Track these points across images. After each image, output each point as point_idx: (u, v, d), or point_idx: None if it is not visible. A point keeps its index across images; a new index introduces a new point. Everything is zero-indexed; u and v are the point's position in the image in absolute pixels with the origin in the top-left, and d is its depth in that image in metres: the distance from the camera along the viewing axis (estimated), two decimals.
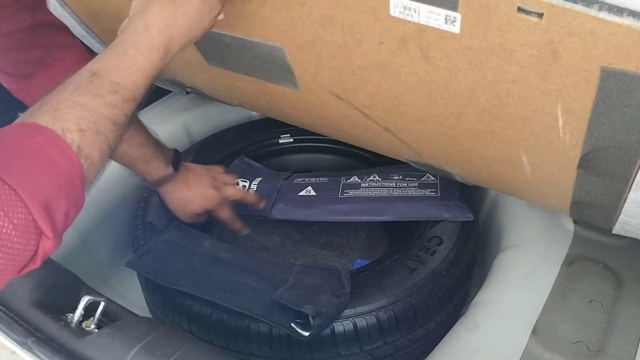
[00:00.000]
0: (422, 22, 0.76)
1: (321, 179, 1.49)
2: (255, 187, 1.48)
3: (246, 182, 1.50)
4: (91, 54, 1.15)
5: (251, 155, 1.61)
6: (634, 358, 1.11)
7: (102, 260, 1.54)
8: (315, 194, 1.44)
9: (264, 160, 1.62)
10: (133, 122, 1.12)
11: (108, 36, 1.17)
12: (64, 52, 1.08)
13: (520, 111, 0.81)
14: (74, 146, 0.65)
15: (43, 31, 0.86)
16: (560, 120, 0.79)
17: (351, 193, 1.40)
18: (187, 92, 1.60)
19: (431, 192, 1.37)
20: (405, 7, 0.75)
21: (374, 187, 1.41)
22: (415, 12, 0.75)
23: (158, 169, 1.22)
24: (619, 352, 1.12)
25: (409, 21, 0.77)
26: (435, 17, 0.74)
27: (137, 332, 0.88)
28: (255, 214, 1.42)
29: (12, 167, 0.59)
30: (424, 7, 0.74)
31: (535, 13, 0.68)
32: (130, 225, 1.42)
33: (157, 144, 1.22)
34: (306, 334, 1.05)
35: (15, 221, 0.57)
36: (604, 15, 0.64)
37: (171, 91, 1.73)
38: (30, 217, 0.59)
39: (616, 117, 0.73)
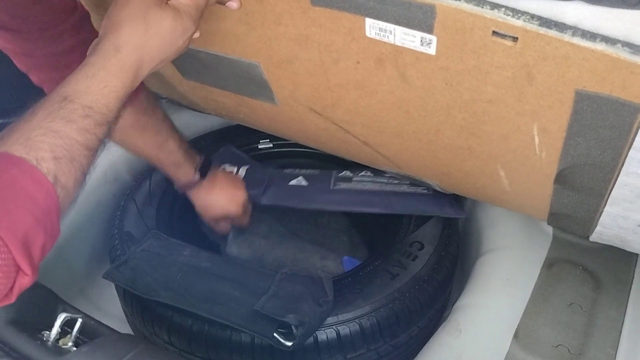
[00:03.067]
0: (397, 44, 0.75)
1: (312, 171, 1.45)
2: (244, 173, 1.44)
3: (234, 168, 1.46)
4: None
5: None
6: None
7: (79, 271, 1.51)
8: (306, 184, 1.40)
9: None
10: (167, 128, 1.17)
11: None
12: None
13: (497, 129, 0.81)
14: (49, 176, 0.63)
15: (84, 50, 0.86)
16: (537, 139, 0.79)
17: (343, 185, 1.37)
18: (163, 99, 1.58)
19: (423, 189, 1.34)
20: (380, 29, 0.75)
21: (367, 182, 1.38)
22: (391, 33, 0.75)
23: (186, 174, 1.25)
24: (599, 354, 1.14)
25: (385, 42, 0.76)
26: (411, 39, 0.74)
27: (116, 350, 0.85)
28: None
29: None
30: (400, 29, 0.73)
31: (509, 37, 0.68)
32: (107, 235, 1.40)
33: (188, 151, 1.24)
34: (289, 343, 1.04)
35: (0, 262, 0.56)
36: (577, 40, 0.64)
37: None
38: (11, 256, 0.58)
39: (591, 137, 0.74)
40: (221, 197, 1.33)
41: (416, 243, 1.27)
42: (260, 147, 1.64)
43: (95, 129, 0.70)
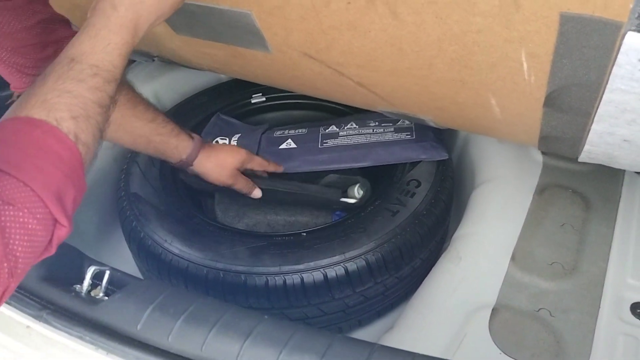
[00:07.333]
0: None
1: (300, 131, 1.50)
2: (236, 143, 1.48)
3: (226, 139, 1.50)
4: None
5: None
6: (606, 272, 1.19)
7: (90, 235, 1.55)
8: (295, 146, 1.46)
9: (239, 120, 1.63)
10: (151, 104, 1.18)
11: None
12: None
13: (487, 58, 0.85)
14: (70, 135, 0.67)
15: (55, 25, 0.87)
16: (525, 64, 0.83)
17: (330, 143, 1.43)
18: (154, 60, 1.58)
19: (407, 135, 1.41)
20: None
21: (352, 135, 1.44)
22: None
23: (187, 139, 1.25)
24: (591, 268, 1.20)
25: None
26: None
27: (147, 294, 0.90)
28: None
29: (22, 164, 0.62)
30: None
31: None
32: (114, 199, 1.43)
33: (177, 124, 1.24)
34: (353, 201, 1.30)
35: (38, 216, 0.61)
36: None
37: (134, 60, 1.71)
38: (47, 210, 0.62)
39: (577, 58, 0.77)
40: (227, 150, 1.33)
41: (413, 181, 1.33)
42: (253, 102, 1.67)
43: (105, 86, 0.74)
